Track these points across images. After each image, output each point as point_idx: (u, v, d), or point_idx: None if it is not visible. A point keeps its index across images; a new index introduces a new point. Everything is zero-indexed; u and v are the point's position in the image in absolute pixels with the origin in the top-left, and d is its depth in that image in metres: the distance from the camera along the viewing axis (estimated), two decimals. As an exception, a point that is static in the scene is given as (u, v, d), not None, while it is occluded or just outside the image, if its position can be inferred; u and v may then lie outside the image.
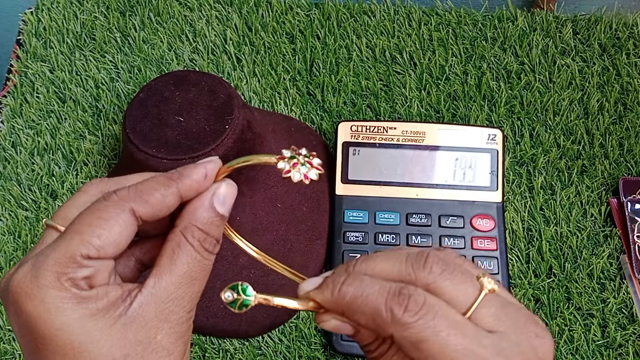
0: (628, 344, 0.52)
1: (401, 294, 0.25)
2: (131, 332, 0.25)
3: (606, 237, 0.57)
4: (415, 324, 0.24)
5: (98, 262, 0.26)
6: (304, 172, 0.27)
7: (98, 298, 0.25)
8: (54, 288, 0.25)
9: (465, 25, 0.67)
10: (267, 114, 0.60)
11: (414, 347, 0.24)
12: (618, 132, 0.61)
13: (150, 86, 0.53)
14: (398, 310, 0.25)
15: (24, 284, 0.25)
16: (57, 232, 0.27)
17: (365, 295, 0.26)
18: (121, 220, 0.26)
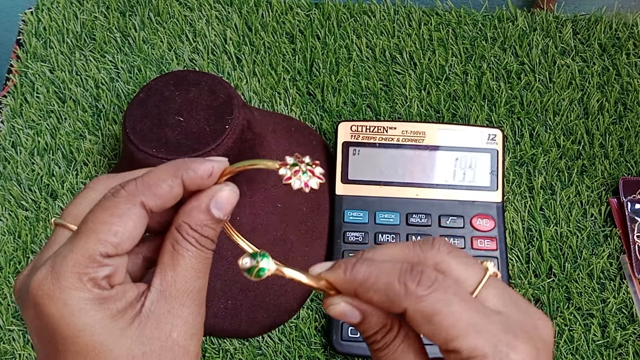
0: (628, 343, 0.52)
1: (413, 270, 0.26)
2: (147, 329, 0.26)
3: (606, 237, 0.57)
4: (429, 296, 0.25)
5: (116, 259, 0.26)
6: (305, 180, 0.27)
7: (117, 298, 0.26)
8: (77, 289, 0.25)
9: (465, 25, 0.67)
10: (267, 114, 0.60)
11: (427, 320, 0.25)
12: (618, 132, 0.61)
13: (150, 86, 0.53)
14: (411, 284, 0.25)
15: (45, 286, 0.25)
16: (68, 231, 0.28)
17: (378, 272, 0.26)
18: (134, 215, 0.26)
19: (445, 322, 0.25)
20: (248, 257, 0.27)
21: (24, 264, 0.55)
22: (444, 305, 0.25)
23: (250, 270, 0.27)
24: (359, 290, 0.27)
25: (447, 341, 0.25)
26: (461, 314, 0.25)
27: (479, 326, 0.25)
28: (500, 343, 0.25)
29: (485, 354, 0.24)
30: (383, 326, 0.27)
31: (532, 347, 0.25)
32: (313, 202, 0.56)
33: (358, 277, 0.26)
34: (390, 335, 0.27)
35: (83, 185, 0.58)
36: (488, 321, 0.25)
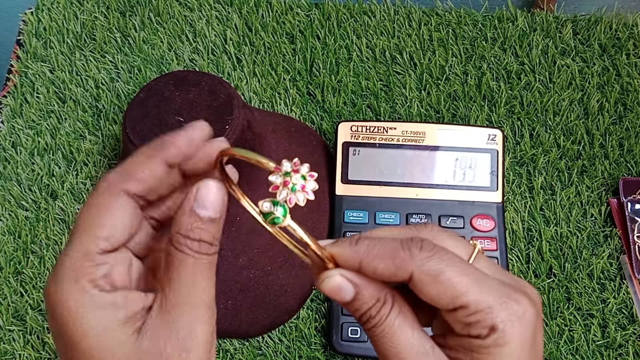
0: (628, 344, 0.52)
1: (413, 239, 0.27)
2: (144, 343, 0.26)
3: (606, 237, 0.57)
4: (432, 258, 0.26)
5: (112, 255, 0.26)
6: (291, 194, 0.26)
7: (119, 306, 0.26)
8: (76, 292, 0.25)
9: (466, 26, 0.67)
10: (267, 114, 0.60)
11: (434, 279, 0.26)
12: (618, 132, 0.61)
13: (150, 86, 0.53)
14: (415, 248, 0.26)
15: (50, 289, 0.26)
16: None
17: (381, 242, 0.27)
18: (119, 205, 0.26)
19: (451, 279, 0.26)
20: (269, 202, 0.26)
21: (24, 264, 0.55)
22: (447, 265, 0.26)
23: (267, 215, 0.26)
24: (364, 261, 0.27)
25: (453, 298, 0.26)
26: (464, 271, 0.26)
27: (481, 282, 0.26)
28: (503, 295, 0.26)
29: (491, 306, 0.25)
30: (377, 300, 0.28)
31: (530, 302, 0.26)
32: (313, 202, 0.56)
33: (363, 248, 0.27)
34: (385, 309, 0.27)
35: (83, 186, 0.59)
36: (488, 279, 0.26)
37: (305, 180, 0.26)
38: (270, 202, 0.26)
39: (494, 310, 0.25)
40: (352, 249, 0.27)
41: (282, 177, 0.26)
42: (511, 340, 0.25)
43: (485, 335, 0.26)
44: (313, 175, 0.27)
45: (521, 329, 0.26)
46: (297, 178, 0.26)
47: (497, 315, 0.25)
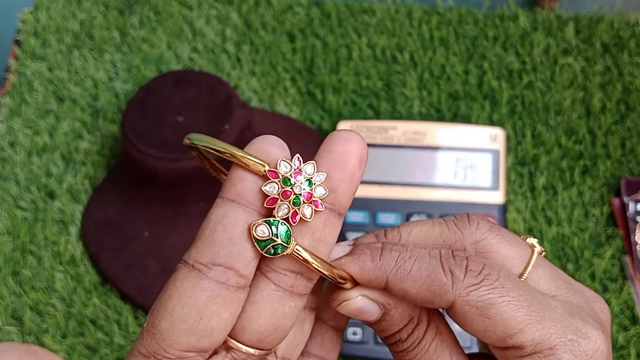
0: (630, 345, 0.52)
1: (456, 256, 0.22)
2: None
3: (608, 237, 0.56)
4: (481, 285, 0.21)
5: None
6: (292, 211, 0.20)
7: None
8: None
9: (467, 24, 0.66)
10: (267, 113, 0.60)
11: (482, 314, 0.21)
12: (620, 132, 0.61)
13: (149, 86, 0.53)
14: (459, 271, 0.21)
15: None
16: None
17: (415, 258, 0.22)
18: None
19: (504, 314, 0.21)
20: (264, 225, 0.20)
21: (23, 264, 0.55)
22: (499, 293, 0.21)
23: (263, 244, 0.20)
24: (391, 282, 0.22)
25: (505, 337, 0.21)
26: (520, 302, 0.21)
27: (542, 314, 0.21)
28: (569, 331, 0.21)
29: (553, 345, 0.21)
30: (409, 320, 0.23)
31: (601, 332, 0.22)
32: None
33: (390, 266, 0.22)
34: (418, 332, 0.23)
35: (81, 185, 0.58)
36: (549, 307, 0.21)
37: (312, 186, 0.20)
38: (266, 224, 0.20)
39: (557, 352, 0.21)
40: (375, 265, 0.22)
41: (281, 186, 0.20)
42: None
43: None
44: (321, 178, 0.21)
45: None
46: (301, 184, 0.20)
47: (560, 358, 0.21)
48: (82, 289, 0.54)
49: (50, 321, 0.52)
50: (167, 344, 0.20)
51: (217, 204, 0.21)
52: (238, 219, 0.20)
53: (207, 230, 0.20)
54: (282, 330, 0.22)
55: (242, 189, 0.20)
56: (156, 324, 0.20)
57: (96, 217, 0.55)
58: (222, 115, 0.50)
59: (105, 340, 0.52)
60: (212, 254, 0.20)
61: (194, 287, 0.20)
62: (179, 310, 0.20)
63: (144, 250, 0.53)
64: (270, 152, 0.21)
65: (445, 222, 0.24)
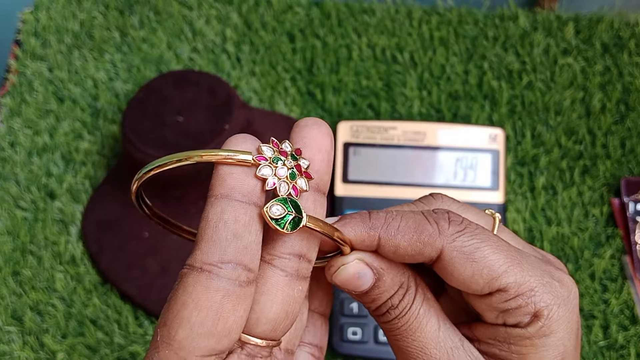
0: (630, 345, 0.52)
1: (438, 211, 0.23)
2: None
3: (608, 237, 0.56)
4: (464, 232, 0.22)
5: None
6: (291, 185, 0.21)
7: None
8: None
9: (466, 25, 0.66)
10: (267, 113, 0.60)
11: (469, 258, 0.22)
12: (620, 132, 0.61)
13: (149, 86, 0.53)
14: (444, 222, 0.23)
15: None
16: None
17: (400, 215, 0.23)
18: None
19: (488, 257, 0.22)
20: (278, 204, 0.21)
21: (23, 264, 0.55)
22: (480, 239, 0.22)
23: (281, 221, 0.20)
24: (383, 238, 0.23)
25: (490, 280, 0.22)
26: (499, 248, 0.22)
27: (519, 259, 0.22)
28: (545, 274, 0.22)
29: (533, 287, 0.22)
30: (400, 286, 0.24)
31: (571, 280, 0.23)
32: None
33: (381, 223, 0.23)
34: (409, 297, 0.24)
35: (81, 186, 0.58)
36: (524, 255, 0.23)
37: (297, 159, 0.22)
38: (279, 203, 0.21)
39: (537, 293, 0.22)
40: (366, 225, 0.23)
41: (273, 166, 0.21)
42: (558, 328, 0.22)
43: (527, 323, 0.22)
44: (299, 151, 0.22)
45: (567, 314, 0.22)
46: (289, 160, 0.21)
47: (541, 299, 0.22)
48: (82, 289, 0.54)
49: (51, 321, 0.52)
50: (187, 352, 0.20)
51: (211, 203, 0.21)
52: (237, 212, 0.20)
53: (209, 230, 0.20)
54: (292, 316, 0.22)
55: (233, 182, 0.21)
56: (172, 335, 0.20)
57: (96, 217, 0.55)
58: (222, 115, 0.50)
59: (105, 340, 0.52)
60: (220, 253, 0.20)
61: (207, 289, 0.20)
62: (196, 316, 0.20)
63: (144, 250, 0.53)
64: (246, 145, 0.22)
65: (414, 204, 0.25)
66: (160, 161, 0.21)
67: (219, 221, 0.20)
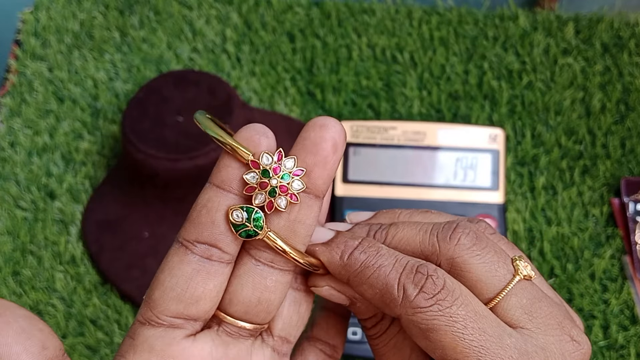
0: (630, 345, 0.52)
1: (418, 272, 0.22)
2: None
3: (608, 237, 0.56)
4: (429, 309, 0.21)
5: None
6: (267, 201, 0.22)
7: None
8: None
9: (466, 24, 0.66)
10: (267, 113, 0.60)
11: (423, 335, 0.21)
12: (620, 132, 0.61)
13: (149, 86, 0.53)
14: (412, 290, 0.22)
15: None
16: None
17: (377, 266, 0.23)
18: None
19: (443, 342, 0.21)
20: (240, 211, 0.22)
21: (23, 264, 0.55)
22: (445, 322, 0.21)
23: (238, 227, 0.22)
24: (351, 281, 0.23)
25: (442, 359, 0.21)
26: (464, 334, 0.21)
27: (485, 351, 0.21)
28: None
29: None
30: (373, 315, 0.24)
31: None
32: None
33: (353, 267, 0.23)
34: (381, 326, 0.24)
35: (81, 186, 0.58)
36: (499, 346, 0.21)
37: (290, 180, 0.22)
38: (241, 210, 0.22)
39: None
40: (341, 263, 0.23)
41: (260, 177, 0.22)
42: None
43: None
44: (299, 173, 0.22)
45: None
46: (279, 177, 0.22)
47: None
48: (82, 289, 0.54)
49: (51, 321, 0.52)
50: (159, 311, 0.22)
51: (204, 189, 0.23)
52: (220, 203, 0.22)
53: (194, 213, 0.23)
54: (266, 304, 0.23)
55: (226, 175, 0.22)
56: (150, 295, 0.23)
57: (96, 217, 0.55)
58: (222, 115, 0.50)
59: (105, 340, 0.52)
60: (197, 234, 0.22)
61: (181, 261, 0.22)
62: (169, 281, 0.22)
63: (144, 250, 0.53)
64: (256, 140, 0.22)
65: (429, 231, 0.24)
66: (206, 124, 0.23)
67: (203, 207, 0.22)
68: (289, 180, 0.22)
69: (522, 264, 0.23)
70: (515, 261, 0.23)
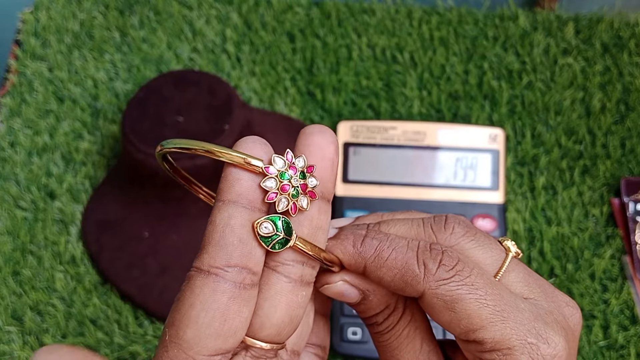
0: (630, 344, 0.52)
1: (433, 249, 0.23)
2: None
3: (608, 237, 0.56)
4: (451, 280, 0.22)
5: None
6: (291, 203, 0.21)
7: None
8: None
9: (466, 24, 0.66)
10: (267, 113, 0.60)
11: (448, 307, 0.22)
12: (620, 132, 0.61)
13: (149, 86, 0.53)
14: (432, 264, 0.22)
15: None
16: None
17: (393, 247, 0.23)
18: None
19: (468, 310, 0.22)
20: (268, 222, 0.21)
21: (23, 264, 0.55)
22: (468, 290, 0.22)
23: (269, 240, 0.21)
24: (369, 268, 0.23)
25: (468, 331, 0.22)
26: (487, 300, 0.22)
27: (506, 314, 0.22)
28: (530, 334, 0.22)
29: (512, 346, 0.22)
30: (386, 307, 0.24)
31: (564, 339, 0.22)
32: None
33: (369, 253, 0.23)
34: (393, 318, 0.24)
35: (81, 186, 0.58)
36: (516, 309, 0.22)
37: (306, 178, 0.21)
38: (269, 221, 0.21)
39: (515, 353, 0.21)
40: (356, 250, 0.23)
41: (279, 181, 0.21)
42: None
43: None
44: (312, 168, 0.22)
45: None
46: (297, 177, 0.21)
47: (517, 358, 0.21)
48: (82, 289, 0.54)
49: (51, 321, 0.52)
50: (195, 352, 0.20)
51: (219, 208, 0.21)
52: (244, 219, 0.21)
53: (217, 235, 0.21)
54: (296, 321, 0.23)
55: (240, 189, 0.21)
56: (181, 335, 0.21)
57: (96, 217, 0.55)
58: (222, 115, 0.50)
59: (105, 340, 0.52)
60: (227, 257, 0.21)
61: (214, 292, 0.21)
62: (204, 317, 0.20)
63: (144, 250, 0.53)
64: (259, 150, 0.22)
65: (422, 224, 0.25)
66: (188, 144, 0.21)
67: (226, 226, 0.21)
68: (306, 179, 0.21)
69: (510, 243, 0.24)
70: (504, 242, 0.25)
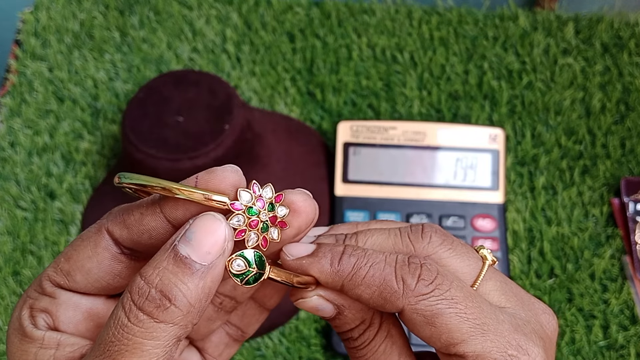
0: (630, 344, 0.52)
1: (412, 263, 0.22)
2: None
3: (608, 237, 0.56)
4: (431, 295, 0.22)
5: (67, 295, 0.23)
6: (261, 238, 0.21)
7: (41, 345, 0.22)
8: (16, 318, 0.23)
9: (466, 25, 0.66)
10: (267, 113, 0.60)
11: (428, 322, 0.22)
12: (620, 132, 0.61)
13: (149, 86, 0.53)
14: (411, 279, 0.22)
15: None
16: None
17: (370, 264, 0.23)
18: (92, 242, 0.23)
19: (449, 324, 0.22)
20: (240, 259, 0.21)
21: (23, 264, 0.55)
22: (447, 304, 0.22)
23: (241, 276, 0.21)
24: (346, 286, 0.23)
25: (449, 345, 0.22)
26: (467, 314, 0.22)
27: (486, 327, 0.22)
28: (510, 346, 0.22)
29: (493, 359, 0.22)
30: (362, 322, 0.24)
31: (543, 349, 0.22)
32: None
33: (346, 272, 0.23)
34: (369, 333, 0.24)
35: (81, 186, 0.58)
36: (496, 320, 0.22)
37: (274, 209, 0.21)
38: (241, 258, 0.20)
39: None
40: (333, 270, 0.23)
41: (246, 217, 0.20)
42: None
43: None
44: (280, 197, 0.21)
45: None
46: (265, 210, 0.20)
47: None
48: (82, 289, 0.54)
49: (51, 321, 0.52)
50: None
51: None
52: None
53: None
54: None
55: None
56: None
57: (96, 217, 0.55)
58: (222, 115, 0.50)
59: (105, 340, 0.52)
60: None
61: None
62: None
63: (144, 250, 0.53)
64: (228, 181, 0.21)
65: (399, 234, 0.24)
66: (145, 180, 0.20)
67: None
68: (275, 210, 0.21)
69: (486, 252, 0.24)
70: (480, 250, 0.24)
